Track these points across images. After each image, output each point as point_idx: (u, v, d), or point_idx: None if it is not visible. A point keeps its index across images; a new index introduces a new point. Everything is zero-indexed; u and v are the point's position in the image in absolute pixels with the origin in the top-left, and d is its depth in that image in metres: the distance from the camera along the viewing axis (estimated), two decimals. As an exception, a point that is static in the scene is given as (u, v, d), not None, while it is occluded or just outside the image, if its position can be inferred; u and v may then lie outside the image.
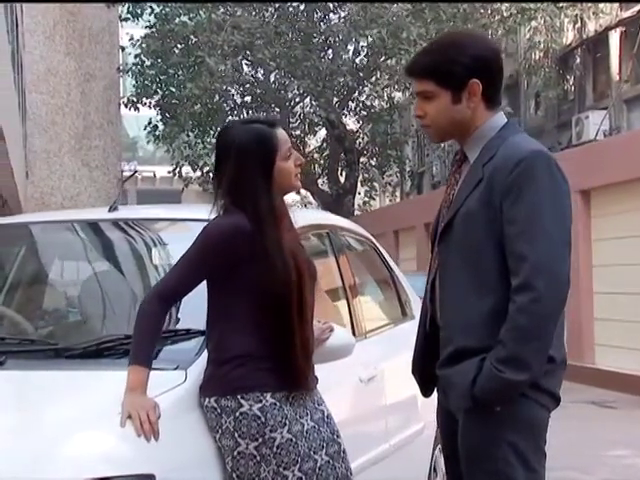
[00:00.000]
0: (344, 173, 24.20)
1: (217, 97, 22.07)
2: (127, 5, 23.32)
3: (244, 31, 20.36)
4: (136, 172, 31.38)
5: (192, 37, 21.55)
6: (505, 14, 22.24)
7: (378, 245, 5.24)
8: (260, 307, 3.08)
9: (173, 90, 22.71)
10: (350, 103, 23.51)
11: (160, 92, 22.92)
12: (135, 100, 22.48)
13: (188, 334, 3.35)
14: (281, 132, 3.21)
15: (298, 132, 24.42)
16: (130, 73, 23.07)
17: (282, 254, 3.08)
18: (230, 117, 23.26)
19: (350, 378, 4.10)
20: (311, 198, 26.66)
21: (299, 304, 3.11)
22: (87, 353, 3.27)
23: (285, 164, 3.18)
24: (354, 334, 4.34)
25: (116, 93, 25.03)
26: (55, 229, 4.17)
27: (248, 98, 23.66)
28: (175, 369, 3.15)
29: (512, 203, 2.81)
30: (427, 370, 3.06)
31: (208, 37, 20.27)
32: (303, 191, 26.36)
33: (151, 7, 23.18)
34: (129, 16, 23.65)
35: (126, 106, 22.72)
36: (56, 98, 23.81)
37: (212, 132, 22.54)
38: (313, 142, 26.16)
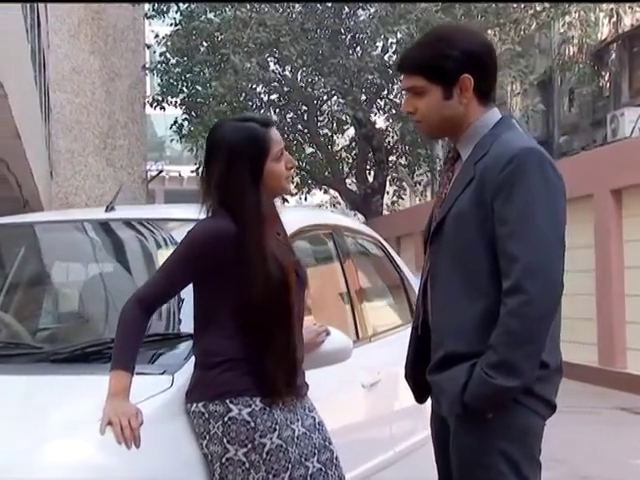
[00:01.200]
0: (372, 172, 24.14)
1: (243, 96, 22.07)
2: (152, 3, 23.40)
3: (270, 28, 20.38)
4: (161, 172, 31.48)
5: (217, 34, 21.60)
6: (538, 8, 22.08)
7: (387, 246, 5.18)
8: (245, 311, 3.05)
9: (199, 88, 22.75)
10: (379, 101, 23.45)
11: (186, 91, 22.99)
12: (160, 99, 22.56)
13: (178, 338, 3.32)
14: (274, 132, 3.16)
15: (326, 131, 24.40)
16: (155, 71, 23.15)
17: (263, 258, 3.03)
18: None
19: (351, 383, 4.05)
20: (339, 198, 26.62)
21: (283, 309, 3.07)
22: (73, 357, 3.25)
23: (276, 166, 3.13)
24: (357, 338, 4.30)
25: (141, 92, 25.18)
26: (50, 230, 4.16)
27: (275, 96, 23.66)
28: (162, 374, 3.12)
29: (503, 202, 2.76)
30: (420, 375, 3.02)
31: (233, 34, 20.29)
32: (332, 191, 26.36)
33: (177, 5, 23.26)
34: (154, 14, 23.73)
35: (151, 105, 22.81)
36: (80, 97, 23.98)
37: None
38: (341, 141, 26.13)
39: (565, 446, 8.53)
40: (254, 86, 21.95)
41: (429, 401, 3.12)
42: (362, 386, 4.12)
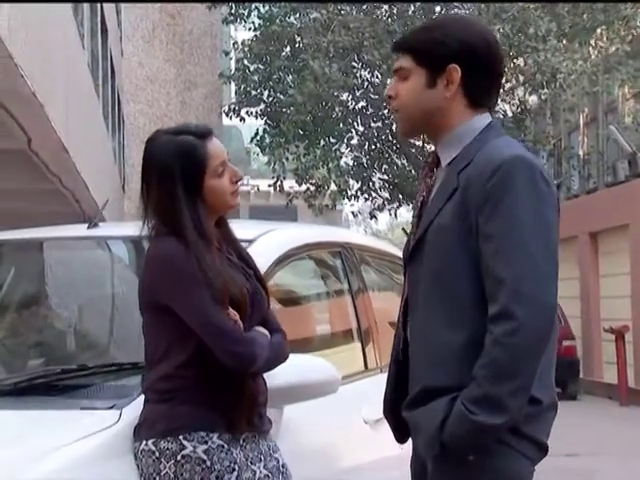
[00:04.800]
0: (466, 185, 23.82)
1: (325, 103, 22.01)
2: (230, 5, 23.49)
3: (352, 31, 20.34)
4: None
5: (298, 39, 21.64)
6: (652, 4, 21.59)
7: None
8: (197, 341, 2.96)
9: (281, 97, 22.78)
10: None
11: (265, 99, 23.05)
12: (237, 108, 22.67)
13: (135, 369, 3.23)
14: (213, 144, 3.06)
15: (416, 141, 24.22)
16: (233, 79, 23.27)
17: (223, 278, 2.94)
18: (342, 125, 23.21)
19: (348, 418, 3.92)
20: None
21: None
22: (18, 390, 3.19)
23: (216, 182, 3.03)
24: (365, 367, 4.18)
25: (218, 101, 25.37)
26: (28, 247, 4.12)
27: (362, 104, 23.54)
28: (110, 408, 3.04)
29: (488, 217, 2.65)
30: (400, 411, 2.88)
31: (313, 38, 20.31)
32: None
33: (257, 8, 23.38)
34: (233, 18, 23.81)
35: (227, 115, 22.94)
36: (155, 107, 24.31)
37: (320, 142, 22.53)
38: (433, 151, 25.90)
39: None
40: (336, 93, 21.82)
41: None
42: (364, 422, 3.97)
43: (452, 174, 2.77)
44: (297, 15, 22.28)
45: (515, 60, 21.93)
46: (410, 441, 2.96)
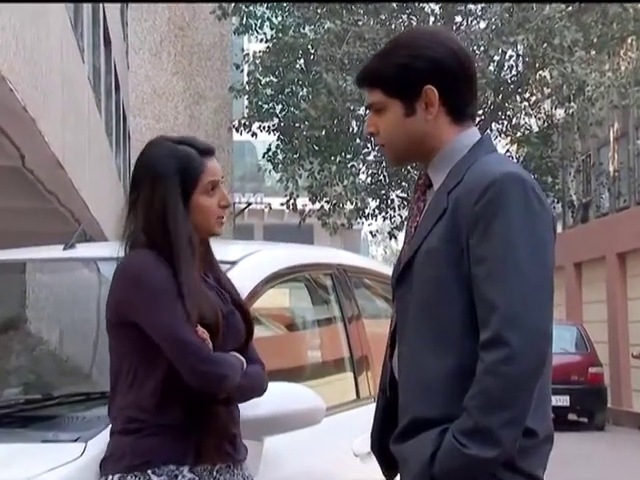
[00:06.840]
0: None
1: (340, 118, 22.03)
2: (242, 16, 23.55)
3: (368, 42, 20.38)
4: (250, 204, 31.84)
5: (312, 50, 21.70)
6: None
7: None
8: (166, 365, 2.92)
9: (294, 111, 22.81)
10: (494, 124, 23.12)
11: (278, 114, 23.08)
12: (247, 123, 22.71)
13: (102, 398, 3.19)
14: (212, 162, 3.07)
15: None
16: (243, 93, 23.32)
17: (196, 295, 2.92)
18: (358, 141, 23.21)
19: (337, 451, 3.87)
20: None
21: None
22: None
23: (205, 199, 3.03)
24: (357, 396, 4.14)
25: (227, 115, 25.43)
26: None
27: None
28: (75, 441, 3.00)
29: (480, 238, 2.62)
30: (388, 445, 2.83)
31: (327, 50, 20.36)
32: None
33: (269, 18, 23.45)
34: (244, 29, 23.86)
35: (237, 130, 22.98)
36: (162, 122, 24.38)
37: (335, 159, 22.52)
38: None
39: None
40: (352, 107, 21.83)
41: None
42: (354, 454, 3.91)
43: (442, 195, 2.74)
44: (311, 26, 22.35)
45: (540, 72, 21.91)
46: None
